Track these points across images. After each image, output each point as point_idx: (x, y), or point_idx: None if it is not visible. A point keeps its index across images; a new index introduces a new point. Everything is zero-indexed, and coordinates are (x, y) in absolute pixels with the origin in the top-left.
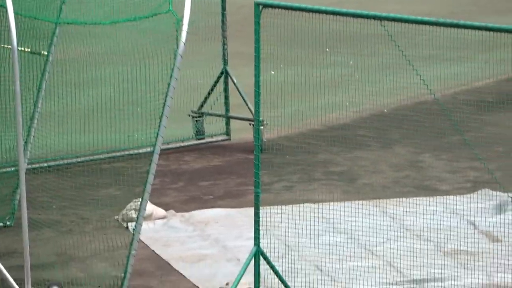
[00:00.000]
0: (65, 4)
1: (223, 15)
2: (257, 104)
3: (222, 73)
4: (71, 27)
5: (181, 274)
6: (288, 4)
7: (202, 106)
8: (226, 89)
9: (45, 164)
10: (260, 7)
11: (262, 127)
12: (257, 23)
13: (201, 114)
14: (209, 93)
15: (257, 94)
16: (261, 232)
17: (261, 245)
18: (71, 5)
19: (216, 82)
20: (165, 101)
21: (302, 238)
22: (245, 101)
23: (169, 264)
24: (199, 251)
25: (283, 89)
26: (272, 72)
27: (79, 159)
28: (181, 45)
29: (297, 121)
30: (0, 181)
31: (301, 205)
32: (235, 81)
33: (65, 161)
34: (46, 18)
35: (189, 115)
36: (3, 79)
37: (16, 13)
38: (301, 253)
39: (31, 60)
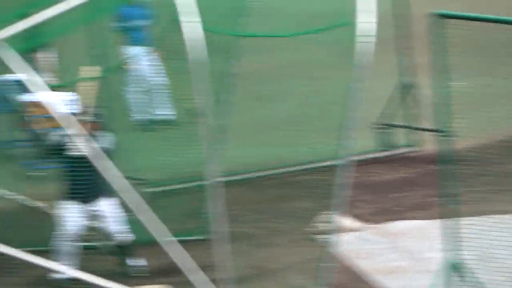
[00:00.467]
0: (247, 18)
1: (403, 26)
2: (442, 114)
3: (405, 84)
4: (253, 40)
5: (375, 286)
6: (467, 15)
7: (387, 117)
8: (410, 101)
9: (237, 177)
10: (438, 18)
11: (448, 138)
12: (436, 34)
13: (387, 126)
14: (393, 105)
15: (443, 105)
16: (452, 243)
17: (453, 256)
18: (252, 18)
19: (400, 93)
20: (349, 113)
21: (495, 249)
22: (429, 112)
23: (362, 276)
24: (392, 263)
25: (466, 100)
26: (459, 83)
27: (270, 172)
28: (362, 57)
29: (483, 132)
30: (193, 195)
31: (493, 216)
32: (419, 92)
33: (257, 174)
34: (228, 31)
35: (374, 127)
36: (188, 93)
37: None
38: (495, 265)
39: (217, 74)
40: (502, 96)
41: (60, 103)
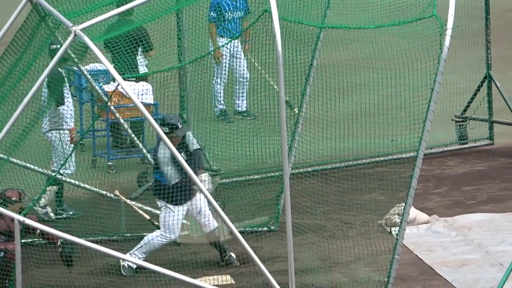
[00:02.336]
0: (330, 9)
1: (487, 19)
2: None
3: (485, 77)
4: (335, 31)
5: (445, 279)
6: None
7: (465, 110)
8: (489, 94)
9: (309, 169)
10: None
11: None
12: None
13: (465, 119)
14: (472, 98)
15: None
16: None
17: None
18: (336, 10)
19: (479, 86)
20: (428, 105)
21: None
22: (508, 105)
23: (432, 269)
24: (462, 256)
25: None
26: None
27: (343, 164)
28: (445, 49)
29: None
30: (264, 185)
31: None
32: (498, 85)
33: (330, 166)
34: (310, 22)
35: (452, 120)
36: (267, 84)
37: (281, 18)
38: None
39: (296, 65)
40: None
41: (137, 93)
